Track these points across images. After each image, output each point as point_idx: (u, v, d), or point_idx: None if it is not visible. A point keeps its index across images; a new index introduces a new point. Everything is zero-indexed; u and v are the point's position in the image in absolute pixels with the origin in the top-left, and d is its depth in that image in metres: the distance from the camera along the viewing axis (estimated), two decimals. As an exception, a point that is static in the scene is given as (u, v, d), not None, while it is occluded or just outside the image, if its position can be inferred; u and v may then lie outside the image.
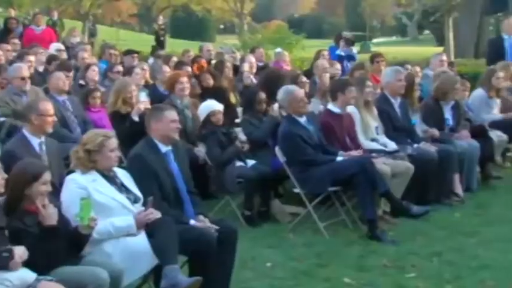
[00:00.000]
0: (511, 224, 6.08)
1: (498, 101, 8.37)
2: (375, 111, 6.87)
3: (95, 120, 6.73)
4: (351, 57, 10.75)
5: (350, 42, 11.44)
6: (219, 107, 6.63)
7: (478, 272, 4.94)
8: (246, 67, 9.25)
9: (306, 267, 5.10)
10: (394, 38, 54.87)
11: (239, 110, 7.61)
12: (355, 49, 11.59)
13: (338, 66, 9.52)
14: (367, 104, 6.77)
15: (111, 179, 4.22)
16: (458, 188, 6.96)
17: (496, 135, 7.82)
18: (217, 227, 4.36)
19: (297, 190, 6.10)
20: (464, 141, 7.29)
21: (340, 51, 11.11)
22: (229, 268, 4.41)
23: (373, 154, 6.28)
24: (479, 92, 8.34)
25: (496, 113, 8.31)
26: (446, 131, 7.33)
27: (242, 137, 6.56)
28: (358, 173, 5.75)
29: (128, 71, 8.09)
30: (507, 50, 9.91)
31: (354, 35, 12.86)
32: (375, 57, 9.43)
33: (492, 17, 20.38)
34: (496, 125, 8.00)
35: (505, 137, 7.96)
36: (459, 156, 7.02)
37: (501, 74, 8.32)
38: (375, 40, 42.31)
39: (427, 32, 48.58)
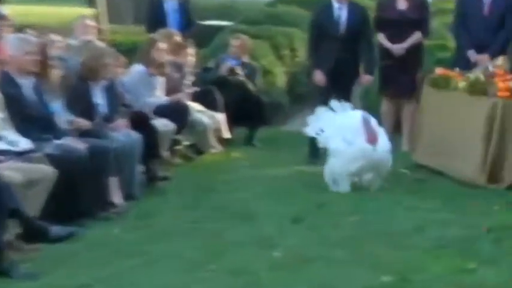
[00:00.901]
0: (180, 238, 5.85)
1: (162, 79, 8.37)
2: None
3: None
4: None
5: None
6: None
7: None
8: None
9: None
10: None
11: None
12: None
13: None
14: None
15: None
16: (117, 196, 6.69)
17: (162, 124, 7.78)
18: None
19: None
20: (122, 132, 7.05)
21: None
22: None
23: (-2, 157, 5.67)
24: (137, 68, 8.23)
25: (160, 95, 8.31)
26: (98, 121, 7.01)
27: None
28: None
29: None
30: (168, 13, 9.65)
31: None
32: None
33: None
34: (161, 111, 7.98)
35: (172, 126, 7.96)
36: (116, 153, 6.74)
37: (162, 45, 8.27)
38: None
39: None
